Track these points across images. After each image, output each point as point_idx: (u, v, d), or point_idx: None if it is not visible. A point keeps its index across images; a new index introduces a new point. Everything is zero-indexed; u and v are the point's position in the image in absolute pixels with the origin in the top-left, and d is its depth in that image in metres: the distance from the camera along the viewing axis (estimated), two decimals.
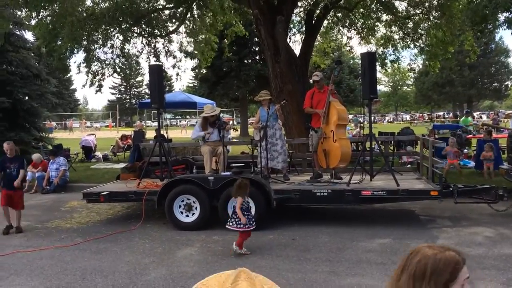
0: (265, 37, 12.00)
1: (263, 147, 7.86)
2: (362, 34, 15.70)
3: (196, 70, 34.54)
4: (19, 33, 16.44)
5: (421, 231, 6.85)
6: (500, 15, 10.03)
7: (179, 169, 9.37)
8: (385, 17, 14.84)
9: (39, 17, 12.45)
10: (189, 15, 14.74)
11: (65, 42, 12.29)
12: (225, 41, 17.66)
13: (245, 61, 31.74)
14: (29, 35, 17.32)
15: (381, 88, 66.43)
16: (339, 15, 15.50)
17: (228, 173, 7.75)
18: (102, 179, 11.74)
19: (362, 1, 13.73)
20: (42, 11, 11.94)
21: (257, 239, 6.11)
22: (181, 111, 42.25)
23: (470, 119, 17.85)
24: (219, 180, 7.35)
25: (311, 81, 8.38)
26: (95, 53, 14.06)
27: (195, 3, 13.92)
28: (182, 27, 15.41)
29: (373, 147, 8.16)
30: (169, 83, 64.53)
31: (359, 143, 12.14)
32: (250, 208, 6.27)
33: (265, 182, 7.32)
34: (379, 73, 52.23)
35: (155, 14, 14.24)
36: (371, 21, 14.89)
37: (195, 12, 14.79)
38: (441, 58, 14.64)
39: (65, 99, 59.78)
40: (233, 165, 8.71)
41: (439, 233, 6.76)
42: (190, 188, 7.44)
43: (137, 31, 14.50)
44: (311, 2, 14.43)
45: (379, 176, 7.95)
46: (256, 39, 28.04)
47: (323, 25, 15.01)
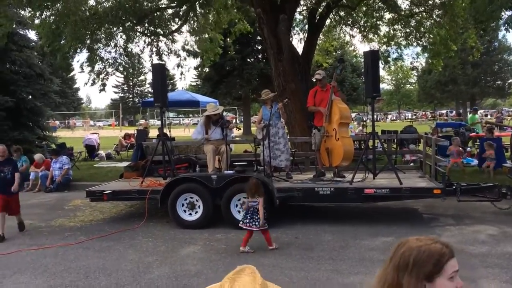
0: (268, 35, 12.00)
1: (266, 146, 7.87)
2: (364, 32, 15.68)
3: (199, 69, 34.54)
4: (22, 33, 16.48)
5: (424, 230, 6.84)
6: (503, 13, 9.99)
7: (182, 167, 9.39)
8: (388, 16, 14.83)
9: (42, 17, 12.47)
10: (192, 14, 14.74)
11: (68, 41, 12.30)
12: (227, 40, 17.65)
13: (248, 60, 31.74)
14: (32, 35, 17.38)
15: (384, 86, 66.24)
16: (341, 13, 15.48)
17: (231, 171, 7.75)
18: (105, 177, 11.78)
19: (364, 0, 13.71)
20: (45, 10, 11.96)
21: (260, 237, 6.12)
22: (184, 109, 42.26)
23: (477, 116, 17.68)
24: (222, 178, 7.36)
25: (313, 79, 8.37)
26: (98, 53, 14.09)
27: (198, 2, 13.92)
28: (186, 26, 15.42)
29: (376, 145, 8.16)
30: (172, 82, 64.63)
31: (362, 142, 12.13)
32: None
33: (268, 180, 7.32)
34: (382, 72, 52.10)
35: (158, 13, 14.23)
36: (374, 20, 14.86)
37: (198, 10, 14.79)
38: (444, 56, 14.60)
39: (68, 98, 59.97)
40: (236, 163, 8.72)
41: (442, 231, 6.76)
42: (193, 186, 7.46)
43: (140, 30, 14.50)
44: (313, 0, 14.40)
45: (382, 174, 7.95)
46: (258, 38, 28.05)
47: (325, 24, 15.00)
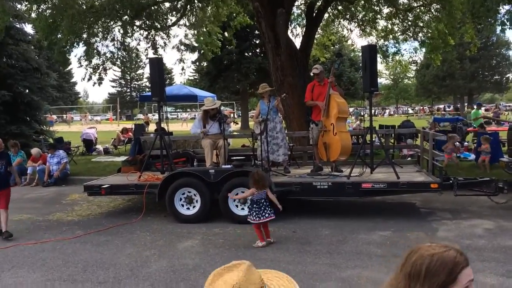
0: (266, 30, 11.96)
1: (264, 140, 7.86)
2: (362, 26, 15.64)
3: (197, 63, 34.48)
4: (19, 26, 16.39)
5: (421, 224, 6.88)
6: (501, 8, 9.96)
7: (180, 162, 9.39)
8: (386, 10, 14.80)
9: (39, 10, 12.40)
10: (189, 7, 14.67)
11: (65, 35, 12.25)
12: (225, 34, 17.57)
13: (246, 54, 31.66)
14: (29, 28, 17.29)
15: (382, 81, 66.19)
16: (340, 7, 15.44)
17: (228, 166, 7.76)
18: (103, 172, 11.77)
19: None
20: (41, 3, 11.89)
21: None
22: (181, 104, 42.23)
23: (481, 111, 17.57)
24: (220, 173, 7.37)
25: (311, 74, 8.35)
26: (95, 46, 14.02)
27: None
28: (184, 20, 15.34)
29: (373, 140, 8.16)
30: (169, 76, 64.52)
31: (360, 136, 12.14)
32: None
33: (266, 175, 7.32)
34: (380, 66, 52.05)
35: (155, 6, 14.17)
36: (372, 14, 14.83)
37: (196, 4, 14.72)
38: (442, 50, 14.59)
39: (66, 92, 59.74)
40: (234, 158, 8.72)
41: (439, 225, 6.78)
42: (191, 181, 7.46)
43: (137, 24, 14.43)
44: None
45: (379, 169, 7.96)
46: (256, 32, 27.96)
47: (323, 18, 14.95)
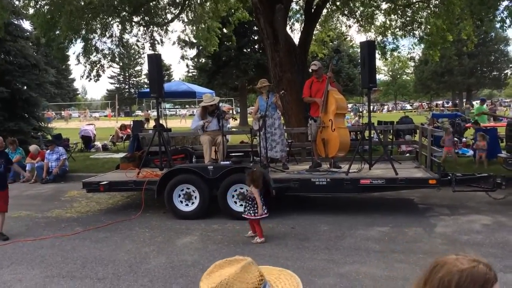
0: (264, 26, 11.94)
1: (262, 137, 7.86)
2: (361, 22, 15.62)
3: (195, 59, 34.40)
4: (16, 22, 16.33)
5: (420, 220, 6.89)
6: (500, 3, 9.96)
7: (179, 158, 9.39)
8: (385, 5, 14.77)
9: (37, 6, 12.36)
10: (188, 3, 14.64)
11: (63, 31, 12.20)
12: (224, 30, 17.52)
13: (244, 50, 31.59)
14: (26, 24, 17.21)
15: (381, 77, 66.11)
16: (338, 3, 15.42)
17: (227, 162, 7.76)
18: (101, 168, 11.77)
19: None
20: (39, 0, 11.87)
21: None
22: (180, 100, 42.15)
23: (485, 107, 17.42)
24: (219, 169, 7.37)
25: (310, 70, 8.35)
26: (93, 43, 13.99)
27: None
28: (183, 16, 15.30)
29: (372, 136, 8.17)
30: (168, 72, 64.43)
31: (358, 132, 12.16)
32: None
33: (264, 171, 7.34)
34: (379, 62, 52.03)
35: (154, 2, 14.13)
36: (370, 9, 14.80)
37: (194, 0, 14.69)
38: (440, 46, 14.57)
39: (64, 89, 59.68)
40: (233, 154, 8.73)
41: (437, 221, 6.80)
42: (189, 177, 7.46)
43: (136, 20, 14.40)
44: None
45: (378, 165, 7.97)
46: (255, 28, 27.90)
47: (322, 14, 14.92)
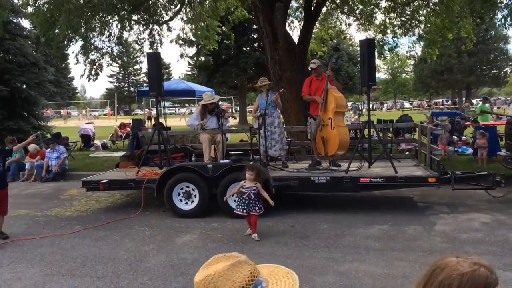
0: (264, 24, 11.93)
1: (262, 135, 7.87)
2: (360, 20, 15.60)
3: (194, 58, 34.37)
4: (15, 21, 16.33)
5: (419, 218, 6.90)
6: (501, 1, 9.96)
7: (178, 157, 9.39)
8: (384, 4, 14.76)
9: (36, 5, 12.34)
10: (187, 1, 14.61)
11: (63, 30, 12.19)
12: (223, 28, 17.49)
13: (244, 49, 31.55)
14: (26, 23, 17.23)
15: (380, 75, 66.08)
16: (337, 1, 15.39)
17: (227, 161, 7.76)
18: (101, 167, 11.76)
19: None
20: None
21: (256, 226, 6.14)
22: (179, 99, 42.13)
23: (487, 105, 17.30)
24: (218, 168, 7.36)
25: (309, 68, 8.35)
26: (92, 41, 13.97)
27: None
28: (182, 14, 15.28)
29: (371, 134, 8.17)
30: (167, 71, 64.36)
31: (358, 131, 12.14)
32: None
33: (264, 169, 7.34)
34: (378, 61, 52.03)
35: (153, 0, 14.11)
36: (370, 7, 14.78)
37: None
38: (440, 45, 14.56)
39: (63, 88, 59.63)
40: (232, 153, 8.73)
41: (436, 219, 6.80)
42: (189, 176, 7.46)
43: (135, 18, 14.38)
44: None
45: (377, 163, 7.96)
46: (254, 27, 27.87)
47: (321, 12, 14.90)
